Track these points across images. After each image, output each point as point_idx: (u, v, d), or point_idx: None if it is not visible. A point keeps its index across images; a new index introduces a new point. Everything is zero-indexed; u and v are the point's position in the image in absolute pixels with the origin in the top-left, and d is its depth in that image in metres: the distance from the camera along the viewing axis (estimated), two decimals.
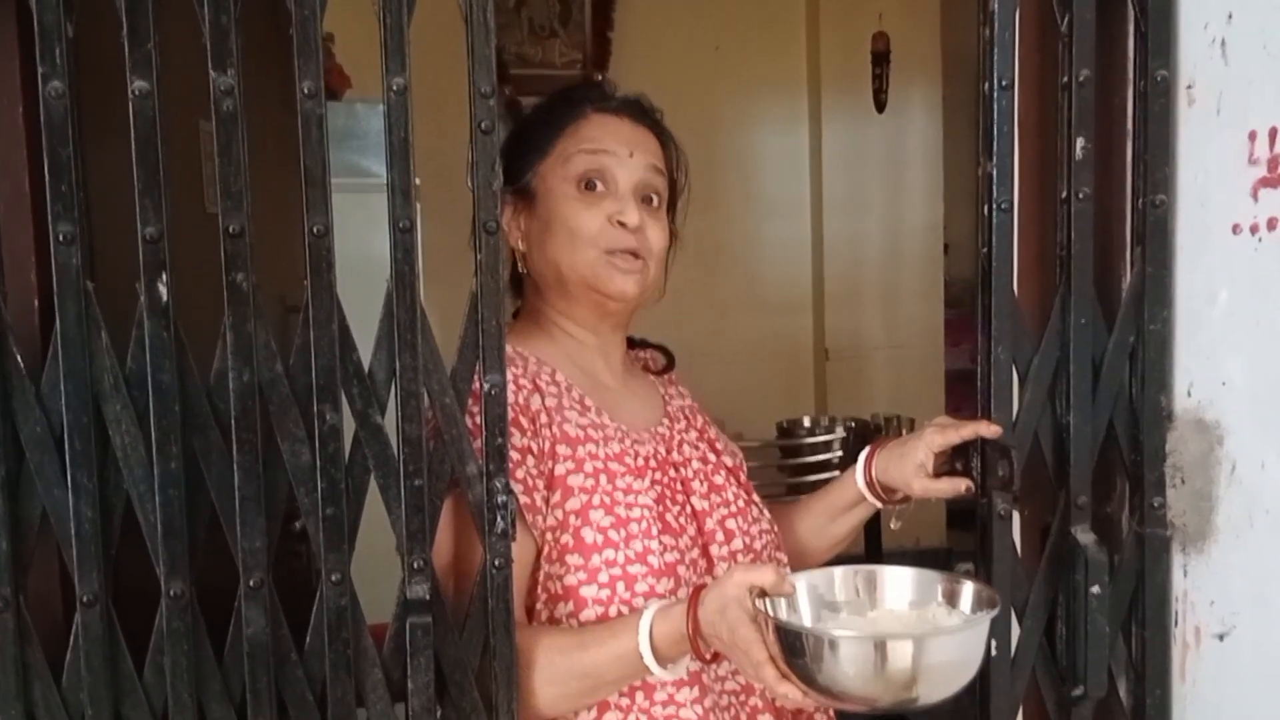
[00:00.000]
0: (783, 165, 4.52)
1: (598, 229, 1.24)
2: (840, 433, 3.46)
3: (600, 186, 1.25)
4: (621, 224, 1.24)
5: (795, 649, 0.99)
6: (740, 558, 1.28)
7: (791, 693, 1.02)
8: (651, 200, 1.29)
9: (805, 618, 1.11)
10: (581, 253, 1.24)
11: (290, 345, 1.07)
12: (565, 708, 1.18)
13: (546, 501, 1.20)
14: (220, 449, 1.05)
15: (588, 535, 1.20)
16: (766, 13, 4.40)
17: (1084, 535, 1.21)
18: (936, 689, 0.99)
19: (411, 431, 1.07)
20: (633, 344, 1.44)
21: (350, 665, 1.08)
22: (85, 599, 1.02)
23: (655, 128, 1.34)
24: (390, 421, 1.08)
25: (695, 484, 1.31)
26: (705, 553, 1.27)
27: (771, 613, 1.03)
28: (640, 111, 1.33)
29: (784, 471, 3.26)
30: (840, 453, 3.31)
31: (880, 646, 0.98)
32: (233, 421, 1.04)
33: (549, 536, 1.20)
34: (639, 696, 1.20)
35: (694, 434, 1.37)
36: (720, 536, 1.29)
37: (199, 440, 1.05)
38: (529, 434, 1.20)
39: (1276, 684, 1.19)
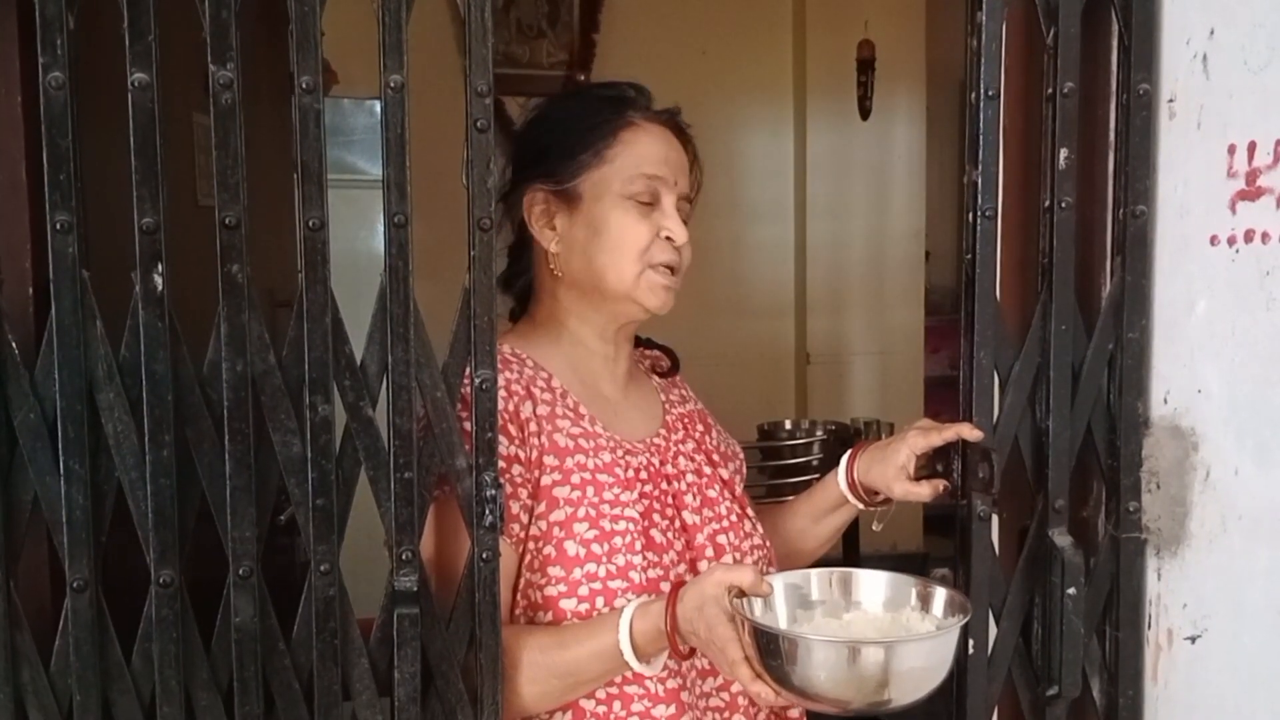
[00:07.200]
0: (767, 170, 4.53)
1: (648, 243, 1.26)
2: (820, 436, 3.48)
3: (652, 202, 1.28)
4: (669, 239, 1.27)
5: (770, 650, 1.01)
6: None
7: (765, 692, 1.04)
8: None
9: (781, 618, 1.12)
10: (631, 265, 1.26)
11: (279, 340, 1.08)
12: (547, 705, 1.20)
13: (530, 510, 1.21)
14: (212, 439, 1.06)
15: (570, 548, 1.20)
16: (753, 18, 4.42)
17: (1061, 538, 1.23)
18: (908, 692, 1.02)
19: (402, 424, 1.08)
20: (638, 342, 1.44)
21: (337, 655, 1.09)
22: (75, 585, 1.03)
23: (690, 147, 1.35)
24: (381, 414, 1.09)
25: (688, 498, 1.30)
26: (693, 568, 1.27)
27: (749, 613, 1.04)
28: (679, 129, 1.35)
29: (764, 474, 3.27)
30: (820, 456, 3.32)
31: (853, 651, 1.00)
32: (225, 412, 1.05)
33: (532, 546, 1.21)
34: (615, 706, 1.21)
35: (691, 445, 1.37)
36: (710, 552, 1.28)
37: (191, 430, 1.05)
38: (517, 442, 1.20)
39: (1246, 686, 1.21)
